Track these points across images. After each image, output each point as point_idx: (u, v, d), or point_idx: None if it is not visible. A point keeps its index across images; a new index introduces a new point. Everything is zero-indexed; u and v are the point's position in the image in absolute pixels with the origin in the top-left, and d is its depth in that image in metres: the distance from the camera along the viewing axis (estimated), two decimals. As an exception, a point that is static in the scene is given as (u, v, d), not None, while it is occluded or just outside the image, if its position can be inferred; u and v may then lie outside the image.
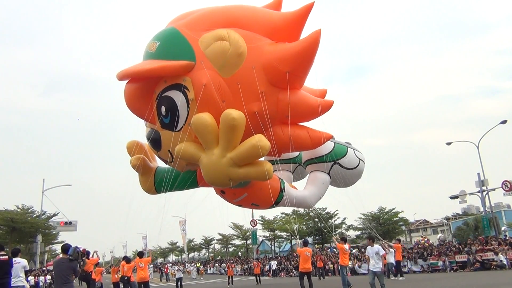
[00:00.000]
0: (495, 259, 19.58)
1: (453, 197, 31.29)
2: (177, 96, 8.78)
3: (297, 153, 12.10)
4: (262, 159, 9.43)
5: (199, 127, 8.43)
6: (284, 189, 10.67)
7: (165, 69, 8.81)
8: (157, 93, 9.16)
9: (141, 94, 9.32)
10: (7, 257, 8.35)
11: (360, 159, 11.80)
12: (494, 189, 28.33)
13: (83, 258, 8.39)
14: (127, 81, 9.34)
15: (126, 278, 14.99)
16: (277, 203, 10.67)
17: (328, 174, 11.65)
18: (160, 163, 11.17)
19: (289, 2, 10.91)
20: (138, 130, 10.64)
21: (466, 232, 35.28)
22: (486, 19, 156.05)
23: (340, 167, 11.49)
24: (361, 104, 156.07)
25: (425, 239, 37.09)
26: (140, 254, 14.63)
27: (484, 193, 28.52)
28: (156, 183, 10.80)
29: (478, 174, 28.66)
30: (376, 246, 10.81)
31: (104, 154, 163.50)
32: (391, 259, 18.30)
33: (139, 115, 9.65)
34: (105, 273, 18.62)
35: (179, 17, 9.90)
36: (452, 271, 20.61)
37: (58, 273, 7.49)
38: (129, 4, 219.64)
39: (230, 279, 24.36)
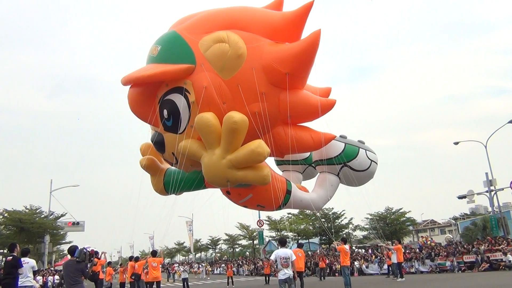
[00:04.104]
0: (503, 260, 19.39)
1: (461, 197, 31.00)
2: (178, 99, 8.86)
3: (307, 154, 12.04)
4: (272, 159, 9.28)
5: (202, 127, 8.50)
6: (291, 191, 10.64)
7: (166, 74, 8.90)
8: (159, 97, 9.24)
9: (144, 98, 9.43)
10: (11, 257, 8.48)
11: (372, 161, 11.58)
12: (503, 189, 28.00)
13: (92, 259, 8.41)
14: (130, 85, 9.46)
15: (135, 276, 15.04)
16: (283, 205, 10.64)
17: (337, 175, 11.57)
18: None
19: (290, 2, 10.87)
20: (144, 131, 10.74)
21: (474, 232, 34.94)
22: (491, 18, 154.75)
23: (349, 169, 11.31)
24: (367, 104, 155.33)
25: (430, 238, 36.88)
26: (154, 253, 14.68)
27: (492, 193, 28.23)
28: (165, 184, 10.87)
29: (486, 173, 28.39)
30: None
31: (111, 155, 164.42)
32: (394, 260, 18.26)
33: (143, 118, 9.74)
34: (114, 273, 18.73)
35: (181, 21, 9.97)
36: (460, 271, 20.42)
37: (66, 274, 7.64)
38: (134, 7, 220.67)
39: (231, 279, 24.23)
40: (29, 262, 8.83)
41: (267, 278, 24.35)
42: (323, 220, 45.98)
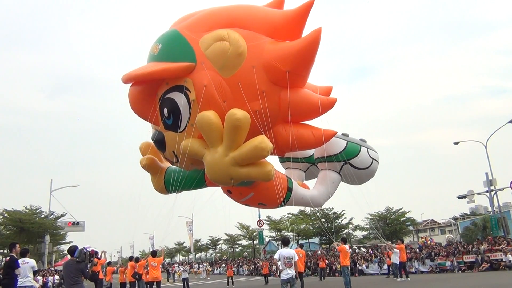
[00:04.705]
0: (503, 259, 19.38)
1: (461, 197, 30.96)
2: (178, 98, 8.85)
3: (311, 152, 12.06)
4: (276, 157, 9.17)
5: (203, 125, 8.49)
6: (292, 189, 10.63)
7: (166, 72, 8.90)
8: (159, 95, 9.23)
9: (144, 96, 9.43)
10: (8, 258, 8.49)
11: (373, 159, 11.55)
12: (503, 189, 27.96)
13: (92, 259, 8.40)
14: (131, 84, 9.46)
15: (138, 275, 15.04)
16: (285, 202, 10.63)
17: (339, 173, 11.57)
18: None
19: (291, 0, 10.86)
20: (144, 131, 10.73)
21: (474, 232, 35.01)
22: (491, 18, 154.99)
23: (351, 167, 11.29)
24: (367, 104, 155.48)
25: (430, 238, 36.95)
26: (154, 253, 14.68)
27: (492, 193, 28.19)
28: (166, 183, 10.86)
29: (486, 173, 28.35)
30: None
31: (111, 154, 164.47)
32: (395, 260, 18.23)
33: (143, 117, 9.73)
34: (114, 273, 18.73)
35: (182, 19, 9.96)
36: (460, 271, 20.42)
37: (66, 274, 7.66)
38: (135, 7, 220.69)
39: (231, 279, 24.15)
40: (28, 262, 8.78)
41: (266, 278, 24.36)
42: (323, 220, 45.97)
